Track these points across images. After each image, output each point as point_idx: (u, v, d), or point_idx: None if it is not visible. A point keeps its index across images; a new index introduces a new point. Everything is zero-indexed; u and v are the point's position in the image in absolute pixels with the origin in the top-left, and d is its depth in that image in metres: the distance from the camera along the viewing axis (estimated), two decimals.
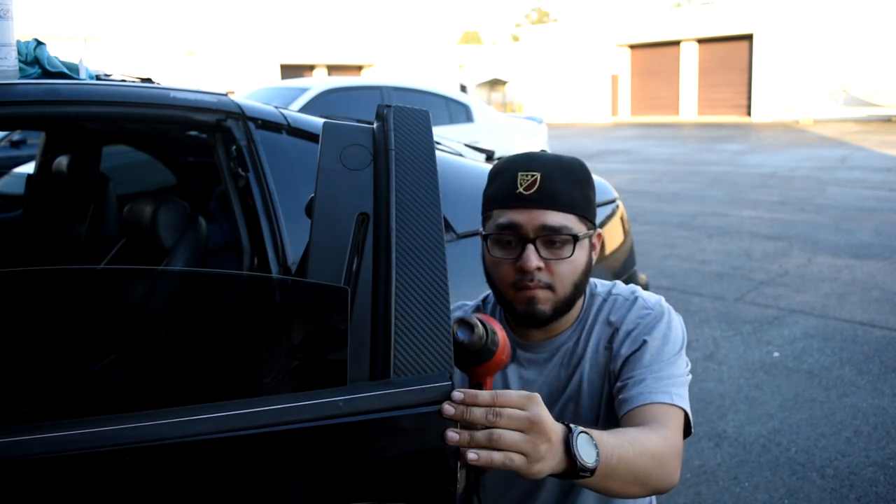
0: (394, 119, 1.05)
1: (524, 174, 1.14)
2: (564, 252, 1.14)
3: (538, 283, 1.14)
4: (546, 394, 1.22)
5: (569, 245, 1.14)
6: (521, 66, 34.09)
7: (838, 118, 22.74)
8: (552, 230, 1.13)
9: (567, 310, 1.19)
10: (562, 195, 1.14)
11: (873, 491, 2.58)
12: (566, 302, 1.17)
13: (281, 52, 29.89)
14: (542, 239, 1.14)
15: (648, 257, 6.07)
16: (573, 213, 1.15)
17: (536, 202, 1.13)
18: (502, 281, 1.17)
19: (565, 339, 1.24)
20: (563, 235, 1.13)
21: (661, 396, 1.10)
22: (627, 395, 1.12)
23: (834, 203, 8.37)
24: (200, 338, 1.02)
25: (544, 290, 1.15)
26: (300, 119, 2.00)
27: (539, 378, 1.24)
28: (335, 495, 0.86)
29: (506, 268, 1.16)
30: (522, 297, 1.15)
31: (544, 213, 1.13)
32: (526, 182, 1.13)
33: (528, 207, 1.13)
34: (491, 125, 7.94)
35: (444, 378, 0.87)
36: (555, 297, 1.16)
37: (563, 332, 1.24)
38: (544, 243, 1.14)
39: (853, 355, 3.81)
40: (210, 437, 0.80)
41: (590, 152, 15.78)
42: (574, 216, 1.15)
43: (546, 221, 1.13)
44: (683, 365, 1.17)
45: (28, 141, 7.16)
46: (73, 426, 0.78)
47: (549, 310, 1.16)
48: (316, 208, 0.98)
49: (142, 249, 2.11)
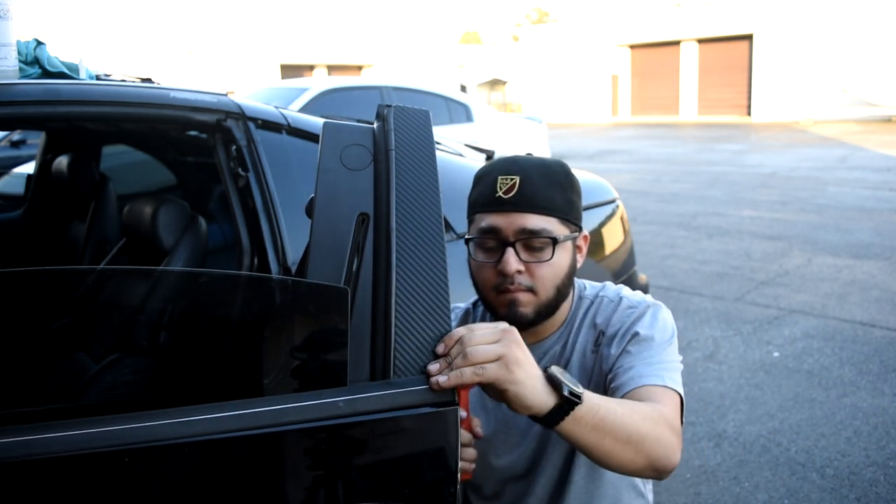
0: (394, 119, 1.05)
1: (503, 178, 1.15)
2: (544, 255, 1.14)
3: (519, 286, 1.14)
4: None
5: (549, 248, 1.14)
6: (520, 66, 34.08)
7: (838, 118, 22.74)
8: (531, 233, 1.13)
9: (551, 313, 1.19)
10: (541, 199, 1.14)
11: (873, 491, 2.58)
12: (548, 305, 1.17)
13: (281, 52, 29.88)
14: (522, 242, 1.14)
15: (648, 257, 6.07)
16: (553, 215, 1.15)
17: (515, 206, 1.14)
18: (485, 285, 1.18)
19: (552, 343, 1.24)
20: (542, 238, 1.14)
21: (653, 379, 1.10)
22: (618, 383, 1.12)
23: (834, 203, 8.37)
24: (200, 338, 1.01)
25: (525, 294, 1.15)
26: (300, 119, 2.00)
27: None
28: (335, 496, 0.86)
29: (488, 271, 1.16)
30: (504, 300, 1.16)
31: (523, 216, 1.14)
32: (505, 186, 1.14)
33: (507, 211, 1.14)
34: (491, 125, 7.95)
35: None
36: (537, 299, 1.16)
37: (549, 335, 1.24)
38: (524, 246, 1.14)
39: (853, 355, 3.81)
40: (210, 437, 0.80)
41: (590, 152, 15.79)
42: (555, 219, 1.15)
43: (525, 225, 1.13)
44: (675, 354, 1.17)
45: (28, 141, 7.16)
46: (73, 426, 0.78)
47: (531, 313, 1.16)
48: (316, 208, 0.98)
49: (142, 249, 2.11)
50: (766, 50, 24.84)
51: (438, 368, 0.87)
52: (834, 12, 23.39)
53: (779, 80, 24.46)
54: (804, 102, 23.49)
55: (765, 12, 24.54)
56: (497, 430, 1.27)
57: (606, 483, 1.25)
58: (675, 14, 28.05)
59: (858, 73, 22.61)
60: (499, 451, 1.29)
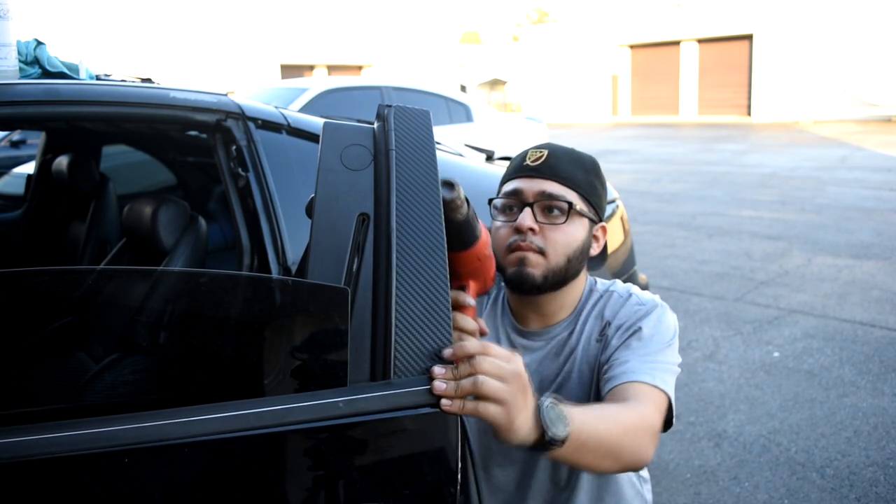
0: (394, 119, 1.05)
1: (534, 151, 1.26)
2: (559, 219, 1.20)
3: (530, 244, 1.19)
4: (537, 381, 1.26)
5: (564, 214, 1.20)
6: (520, 66, 34.07)
7: (838, 118, 22.74)
8: (550, 196, 1.20)
9: (558, 283, 1.23)
10: (564, 171, 1.22)
11: (873, 491, 2.58)
12: (557, 272, 1.21)
13: (281, 52, 29.86)
14: (540, 204, 1.21)
15: (648, 257, 6.07)
16: (574, 189, 1.22)
17: (540, 172, 1.22)
18: (500, 245, 1.23)
19: (561, 330, 1.28)
20: (559, 202, 1.20)
21: (643, 377, 1.12)
22: (611, 374, 1.16)
23: (834, 203, 8.37)
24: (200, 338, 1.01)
25: (536, 254, 1.20)
26: (300, 119, 2.00)
27: (532, 365, 1.28)
28: (335, 496, 0.86)
29: (504, 231, 1.23)
30: (515, 258, 1.21)
31: (545, 181, 1.21)
32: (534, 157, 1.24)
33: (531, 177, 1.22)
34: (491, 125, 7.94)
35: None
36: (546, 262, 1.20)
37: (559, 322, 1.28)
38: (542, 209, 1.21)
39: (853, 355, 3.81)
40: (209, 437, 0.80)
41: (590, 152, 15.70)
42: (575, 193, 1.22)
43: (545, 188, 1.21)
44: (673, 356, 1.19)
45: (28, 141, 7.16)
46: (73, 426, 0.78)
47: (539, 275, 1.20)
48: (316, 208, 0.98)
49: (142, 249, 2.11)
50: (766, 50, 24.83)
51: (444, 376, 0.85)
52: (834, 12, 23.38)
53: (779, 80, 24.45)
54: (804, 102, 23.48)
55: (765, 12, 24.53)
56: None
57: (611, 481, 1.28)
58: (675, 14, 28.03)
59: (858, 73, 22.60)
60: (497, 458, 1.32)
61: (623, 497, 1.28)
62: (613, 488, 1.27)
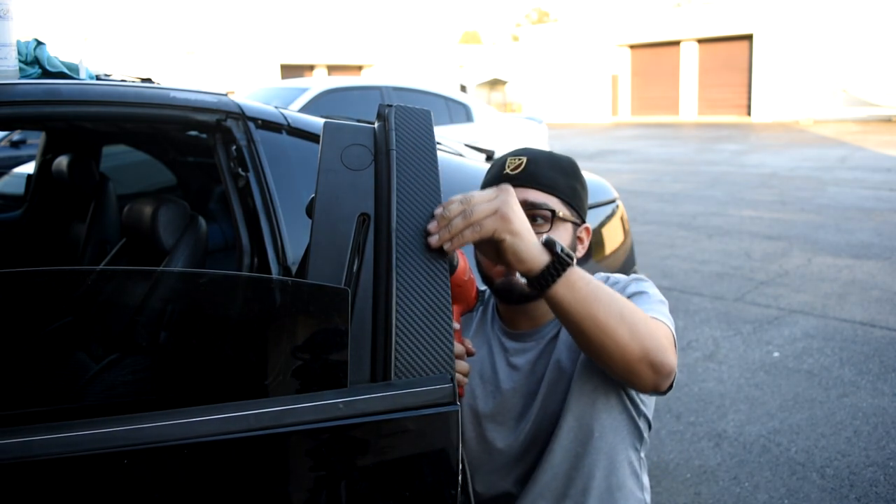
0: (395, 119, 1.04)
1: (513, 159, 1.24)
2: (543, 228, 1.20)
3: None
4: (533, 380, 1.25)
5: (548, 222, 1.20)
6: (520, 66, 34.07)
7: (838, 118, 22.73)
8: (532, 206, 1.19)
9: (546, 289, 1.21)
10: (545, 178, 1.21)
11: (873, 491, 2.58)
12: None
13: (281, 52, 29.87)
14: None
15: (648, 257, 6.07)
16: (555, 195, 1.22)
17: (519, 181, 1.21)
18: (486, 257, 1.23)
19: (549, 329, 1.27)
20: (542, 211, 1.20)
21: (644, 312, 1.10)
22: None
23: (834, 203, 8.37)
24: (200, 339, 1.01)
25: None
26: (300, 119, 2.00)
27: (526, 366, 1.27)
28: (335, 497, 0.86)
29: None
30: (501, 269, 1.21)
31: (526, 190, 1.20)
32: (513, 165, 1.23)
33: (512, 186, 1.19)
34: (491, 125, 7.94)
35: (444, 380, 0.87)
36: None
37: (549, 321, 1.28)
38: None
39: (853, 355, 3.81)
40: (209, 438, 0.80)
41: (590, 152, 15.78)
42: (556, 199, 1.22)
43: (527, 198, 1.19)
44: (666, 312, 1.17)
45: (28, 141, 7.16)
46: (73, 427, 0.77)
47: (525, 284, 1.18)
48: (316, 208, 0.97)
49: (142, 249, 2.11)
50: (766, 50, 24.83)
51: (436, 227, 0.91)
52: (834, 12, 23.38)
53: (779, 80, 24.45)
54: (804, 102, 23.49)
55: (765, 12, 24.54)
56: (495, 412, 1.28)
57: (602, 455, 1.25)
58: (675, 14, 28.05)
59: (858, 73, 22.60)
60: (496, 432, 1.30)
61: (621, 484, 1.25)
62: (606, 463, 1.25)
